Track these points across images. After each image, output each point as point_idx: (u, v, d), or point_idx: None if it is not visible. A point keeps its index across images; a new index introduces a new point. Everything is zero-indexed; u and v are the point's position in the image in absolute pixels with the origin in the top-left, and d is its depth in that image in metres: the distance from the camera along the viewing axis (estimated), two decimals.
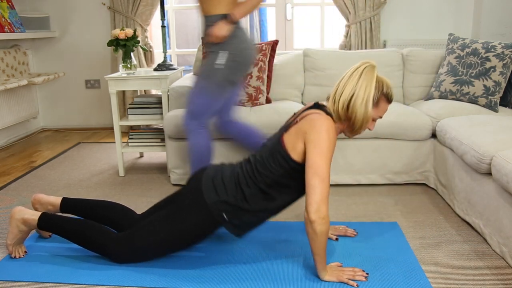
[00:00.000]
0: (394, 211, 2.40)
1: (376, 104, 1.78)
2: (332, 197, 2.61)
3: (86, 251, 2.01)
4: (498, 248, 1.93)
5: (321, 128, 1.67)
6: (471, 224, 2.18)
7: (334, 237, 2.09)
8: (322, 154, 1.65)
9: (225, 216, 1.78)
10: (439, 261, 1.90)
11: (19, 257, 1.96)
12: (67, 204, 2.06)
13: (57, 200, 2.07)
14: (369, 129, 1.83)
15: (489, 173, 2.03)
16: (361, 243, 2.05)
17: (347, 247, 2.02)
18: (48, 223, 1.93)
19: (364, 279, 1.74)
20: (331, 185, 2.79)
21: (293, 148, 1.72)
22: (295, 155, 1.72)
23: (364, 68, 1.75)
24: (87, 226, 1.91)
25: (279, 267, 1.86)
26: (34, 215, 1.93)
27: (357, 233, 2.14)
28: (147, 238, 1.83)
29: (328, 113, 1.77)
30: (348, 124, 1.80)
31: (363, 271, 1.78)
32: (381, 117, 1.83)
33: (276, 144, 1.78)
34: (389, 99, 1.81)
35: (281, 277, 1.79)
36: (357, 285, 1.71)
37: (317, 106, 1.82)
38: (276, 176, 1.75)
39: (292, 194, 1.81)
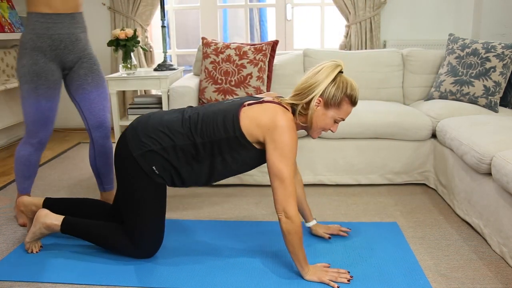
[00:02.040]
0: (394, 211, 2.40)
1: (338, 105, 1.75)
2: (332, 197, 2.61)
3: (85, 251, 2.01)
4: (498, 248, 1.93)
5: (282, 128, 1.66)
6: (471, 224, 2.18)
7: (327, 236, 2.09)
8: (282, 156, 1.66)
9: (155, 170, 1.78)
10: (439, 261, 1.90)
11: (36, 252, 2.00)
12: (49, 203, 2.08)
13: (40, 200, 2.08)
14: (331, 130, 1.82)
15: (489, 173, 2.03)
16: (361, 243, 2.05)
17: (346, 247, 2.02)
18: (71, 228, 1.95)
19: (346, 282, 1.73)
20: (331, 185, 2.79)
21: (247, 126, 1.71)
22: (245, 130, 1.71)
23: (325, 65, 1.76)
24: (107, 229, 1.94)
25: (271, 264, 1.87)
26: (57, 221, 1.95)
27: (350, 230, 2.14)
28: (137, 228, 1.85)
29: (289, 107, 1.77)
30: (307, 121, 1.79)
31: (348, 273, 1.77)
32: (343, 119, 1.80)
33: (233, 110, 1.75)
34: (352, 102, 1.77)
35: (270, 273, 1.79)
36: (337, 287, 1.70)
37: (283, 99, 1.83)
38: (217, 138, 1.73)
39: (219, 165, 1.78)
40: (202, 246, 2.05)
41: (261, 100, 1.78)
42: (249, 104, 1.75)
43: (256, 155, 1.77)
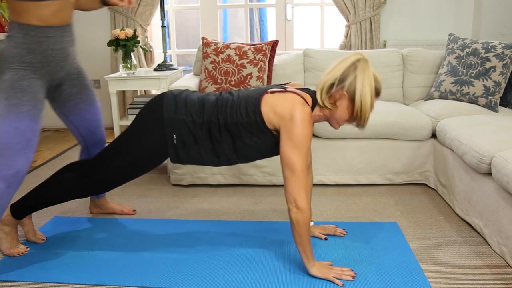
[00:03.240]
0: (394, 211, 2.40)
1: None
2: (332, 197, 2.61)
3: (85, 251, 2.01)
4: (498, 248, 1.93)
5: (297, 120, 1.68)
6: (471, 224, 2.18)
7: (323, 237, 2.09)
8: (294, 147, 1.68)
9: (174, 139, 1.81)
10: (439, 261, 1.90)
11: (23, 253, 1.99)
12: (17, 207, 1.99)
13: (7, 213, 2.00)
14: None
15: (489, 173, 2.03)
16: (361, 243, 2.05)
17: (346, 247, 2.02)
18: (20, 209, 1.95)
19: (350, 279, 1.75)
20: (331, 185, 2.79)
21: (267, 112, 1.75)
22: (265, 116, 1.75)
23: (358, 61, 1.73)
24: (50, 187, 1.95)
25: (271, 264, 1.87)
26: (7, 211, 1.96)
27: (346, 232, 2.15)
28: (107, 165, 1.87)
29: (312, 99, 1.81)
30: (332, 114, 1.81)
31: (352, 270, 1.79)
32: None
33: (256, 96, 1.79)
34: (376, 93, 1.80)
35: (270, 272, 1.79)
36: (342, 284, 1.71)
37: (307, 91, 1.85)
38: (238, 121, 1.77)
39: (236, 147, 1.81)
40: (202, 246, 2.05)
41: (284, 89, 1.80)
42: (272, 92, 1.79)
43: (275, 142, 1.80)
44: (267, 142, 1.80)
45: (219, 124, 1.79)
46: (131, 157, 1.85)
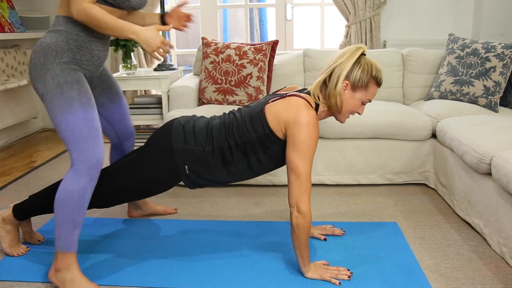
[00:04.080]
0: (394, 211, 2.40)
1: (365, 87, 1.77)
2: (332, 197, 2.61)
3: (85, 251, 2.01)
4: (498, 248, 1.93)
5: (303, 125, 1.67)
6: (471, 224, 2.18)
7: (323, 237, 2.09)
8: (299, 152, 1.67)
9: (186, 169, 1.79)
10: (439, 261, 1.90)
11: (23, 253, 1.99)
12: (19, 207, 1.98)
13: (9, 210, 1.99)
14: (358, 113, 1.84)
15: (489, 173, 2.03)
16: (361, 243, 2.05)
17: (346, 247, 2.02)
18: (23, 210, 1.94)
19: (347, 278, 1.75)
20: (331, 185, 2.79)
21: (273, 120, 1.73)
22: (273, 126, 1.73)
23: (347, 48, 1.79)
24: (51, 185, 1.94)
25: (271, 264, 1.87)
26: (9, 211, 1.96)
27: (344, 232, 2.15)
28: (112, 183, 1.84)
29: (310, 98, 1.80)
30: (332, 105, 1.81)
31: (348, 270, 1.79)
32: (370, 101, 1.83)
33: (258, 109, 1.78)
34: (378, 83, 1.80)
35: (270, 273, 1.79)
36: (339, 283, 1.72)
37: (306, 91, 1.85)
38: (247, 139, 1.75)
39: (251, 165, 1.80)
40: (202, 246, 2.05)
41: (284, 95, 1.79)
42: (272, 101, 1.77)
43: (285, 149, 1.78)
44: (279, 152, 1.78)
45: (230, 147, 1.77)
46: (142, 182, 1.83)
